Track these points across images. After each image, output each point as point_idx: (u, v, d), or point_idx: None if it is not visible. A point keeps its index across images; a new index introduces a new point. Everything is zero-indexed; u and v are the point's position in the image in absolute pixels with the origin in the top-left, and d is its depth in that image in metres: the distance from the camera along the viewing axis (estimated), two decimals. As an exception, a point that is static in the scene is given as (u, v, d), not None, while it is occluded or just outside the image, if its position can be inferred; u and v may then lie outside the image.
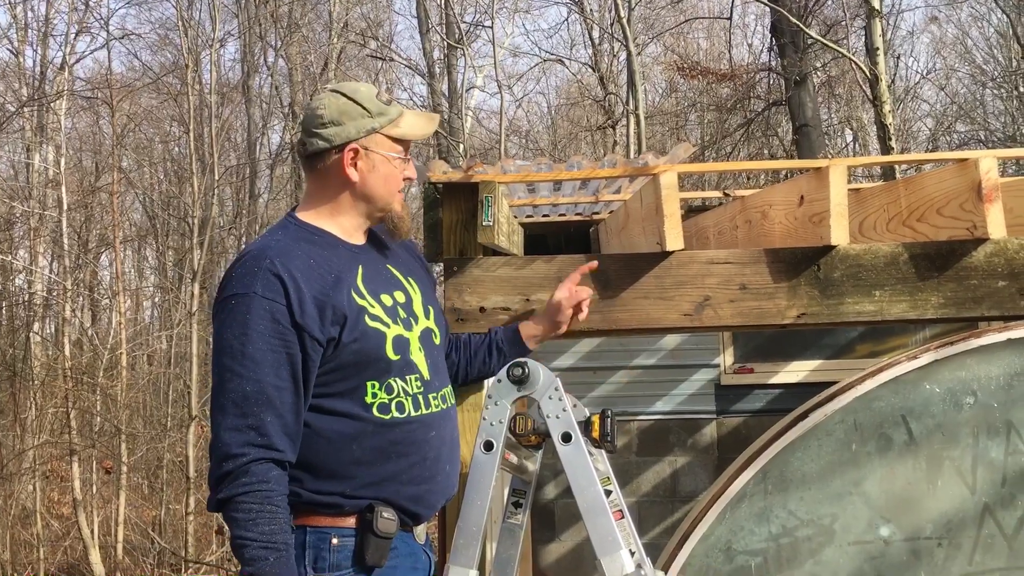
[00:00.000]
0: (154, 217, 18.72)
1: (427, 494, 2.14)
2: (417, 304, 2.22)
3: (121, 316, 13.22)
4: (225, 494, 1.93)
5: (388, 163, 2.13)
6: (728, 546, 2.89)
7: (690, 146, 3.03)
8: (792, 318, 2.89)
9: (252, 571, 1.91)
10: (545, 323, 2.60)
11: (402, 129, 2.13)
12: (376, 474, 2.05)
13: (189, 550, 11.60)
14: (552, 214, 5.32)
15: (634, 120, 13.31)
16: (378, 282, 2.14)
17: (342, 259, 2.11)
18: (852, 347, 5.88)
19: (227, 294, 2.02)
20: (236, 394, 1.94)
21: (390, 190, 2.15)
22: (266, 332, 1.96)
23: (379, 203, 2.16)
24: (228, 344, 1.97)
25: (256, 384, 1.94)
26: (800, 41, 12.36)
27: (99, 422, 12.18)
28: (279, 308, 1.97)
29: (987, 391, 2.89)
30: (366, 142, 2.12)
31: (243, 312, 1.97)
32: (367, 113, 2.11)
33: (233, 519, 1.93)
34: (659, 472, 5.91)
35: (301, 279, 2.00)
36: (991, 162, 2.82)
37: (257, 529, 1.90)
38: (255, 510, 1.91)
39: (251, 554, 1.90)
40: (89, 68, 26.39)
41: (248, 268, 2.02)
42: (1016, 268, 2.87)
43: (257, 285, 1.98)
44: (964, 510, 2.86)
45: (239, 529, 1.91)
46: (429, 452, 2.13)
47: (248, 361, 1.95)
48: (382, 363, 2.06)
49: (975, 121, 17.88)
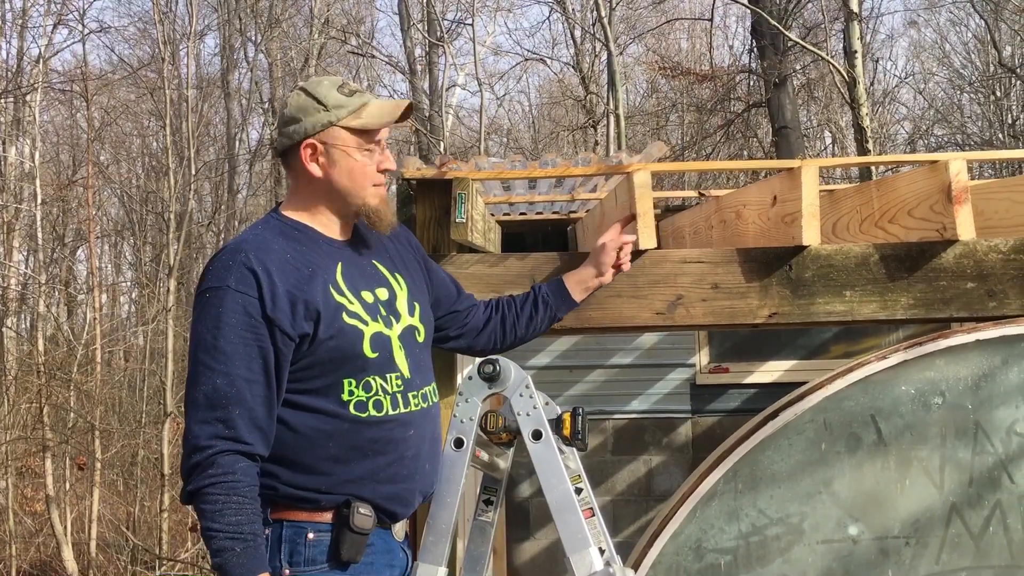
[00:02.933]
0: (131, 212, 18.58)
1: (405, 492, 2.13)
2: (401, 301, 2.19)
3: (96, 312, 13.11)
4: (193, 486, 1.94)
5: (348, 156, 2.10)
6: (698, 544, 2.90)
7: (664, 145, 3.04)
8: (764, 318, 2.90)
9: (220, 562, 1.91)
10: (589, 268, 2.65)
11: (363, 120, 2.09)
12: (353, 472, 2.04)
13: (163, 547, 11.53)
14: (529, 212, 5.32)
15: (615, 120, 13.34)
16: (359, 278, 2.12)
17: (321, 255, 2.09)
18: (826, 348, 5.92)
19: (203, 288, 2.02)
20: (207, 387, 1.94)
21: (358, 184, 2.11)
22: (238, 325, 1.96)
23: (348, 198, 2.13)
24: (201, 337, 1.97)
25: (226, 377, 1.94)
26: (780, 43, 12.43)
27: (73, 418, 12.07)
28: (251, 301, 1.97)
29: (955, 392, 2.91)
30: (323, 136, 2.09)
31: (216, 306, 1.97)
32: (322, 107, 2.08)
33: (201, 510, 1.94)
34: (634, 471, 5.92)
35: (275, 273, 2.00)
36: (960, 164, 2.84)
37: (223, 520, 1.91)
38: (221, 501, 1.91)
39: (217, 544, 1.90)
40: (67, 61, 26.17)
41: (224, 262, 2.02)
42: (985, 270, 2.90)
43: (231, 279, 1.98)
44: (932, 510, 2.88)
45: (206, 520, 1.92)
46: (407, 451, 2.11)
47: (220, 354, 1.95)
48: (359, 361, 2.05)
49: (952, 125, 18.04)
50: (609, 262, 2.65)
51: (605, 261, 2.64)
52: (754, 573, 2.87)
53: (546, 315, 2.58)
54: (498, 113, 20.25)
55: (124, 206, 18.97)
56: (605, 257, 2.64)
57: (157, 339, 14.15)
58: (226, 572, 1.91)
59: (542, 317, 2.57)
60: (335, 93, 2.10)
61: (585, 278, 2.65)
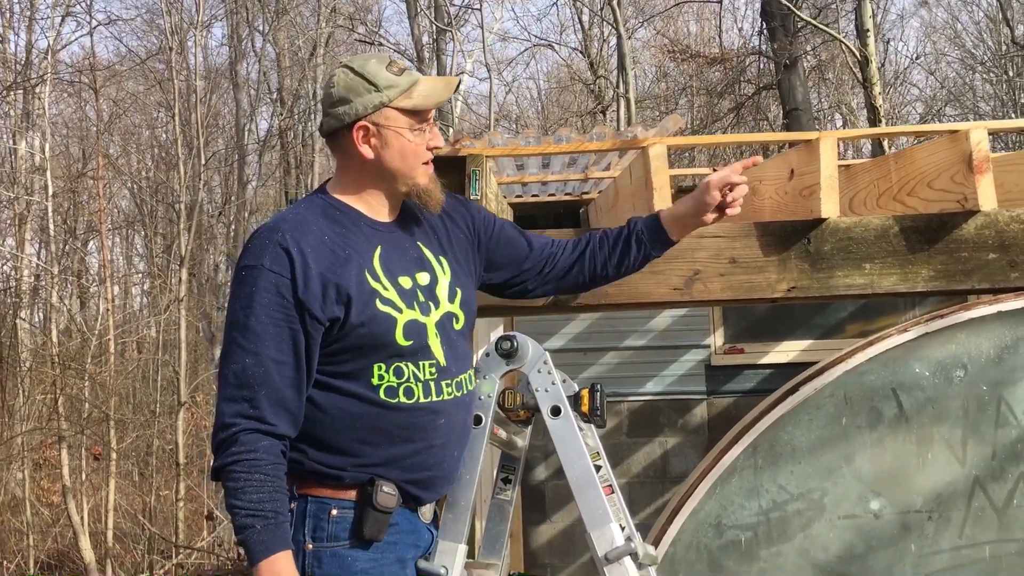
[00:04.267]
0: (142, 203, 18.62)
1: (430, 480, 2.11)
2: (442, 287, 2.15)
3: (109, 303, 13.15)
4: (219, 463, 1.94)
5: (401, 137, 2.05)
6: (718, 521, 2.88)
7: (680, 118, 3.01)
8: (782, 292, 2.87)
9: (242, 538, 1.91)
10: (689, 205, 2.29)
11: (415, 100, 2.04)
12: (379, 456, 2.02)
13: (180, 536, 11.57)
14: (541, 194, 5.29)
15: (624, 104, 13.28)
16: (398, 263, 2.09)
17: (361, 238, 2.06)
18: (842, 326, 5.88)
19: (240, 267, 2.02)
20: (237, 365, 1.95)
21: (409, 164, 2.07)
22: (270, 306, 1.95)
23: (399, 179, 2.09)
24: (235, 316, 1.98)
25: (255, 357, 1.94)
26: (790, 24, 12.33)
27: (88, 409, 12.12)
28: (284, 282, 1.95)
29: (977, 364, 2.88)
30: (375, 118, 2.04)
31: (250, 285, 1.97)
32: (374, 88, 2.04)
33: (226, 488, 1.94)
34: (649, 453, 5.90)
35: (310, 254, 1.98)
36: (982, 133, 2.80)
37: (245, 497, 1.90)
38: (243, 479, 1.91)
39: (240, 522, 1.91)
40: (75, 54, 26.21)
41: (261, 241, 2.01)
42: (1007, 240, 2.86)
43: (266, 258, 1.97)
44: (954, 483, 2.86)
45: (230, 497, 1.92)
46: (436, 439, 2.09)
47: (251, 334, 1.94)
48: (391, 348, 2.02)
49: (964, 106, 17.90)
50: (711, 202, 2.24)
51: (706, 201, 2.24)
52: (775, 549, 2.85)
53: (639, 254, 2.33)
54: (507, 100, 20.20)
55: (134, 198, 19.02)
56: (707, 196, 2.23)
57: (170, 329, 14.18)
58: (248, 548, 1.91)
59: (634, 256, 2.33)
60: (384, 72, 2.05)
61: (683, 214, 2.30)
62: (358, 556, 2.00)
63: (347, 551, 2.00)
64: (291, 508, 1.99)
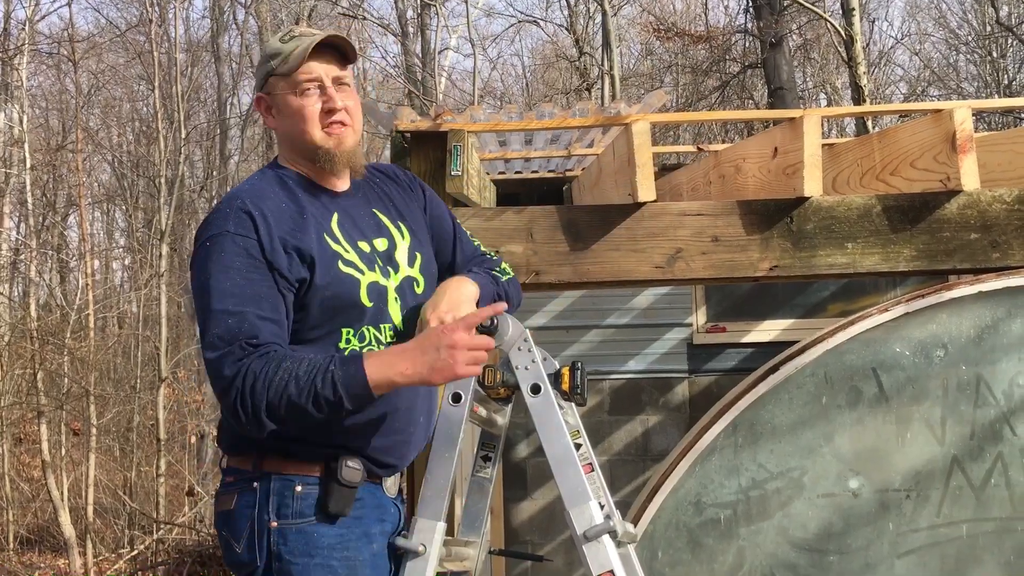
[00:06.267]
0: (122, 177, 18.43)
1: (399, 445, 2.11)
2: (401, 252, 2.15)
3: (88, 278, 13.03)
4: (253, 407, 1.85)
5: (287, 103, 2.06)
6: (698, 499, 2.88)
7: (664, 94, 2.98)
8: (764, 271, 2.86)
9: (338, 396, 1.85)
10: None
11: (289, 63, 2.05)
12: (345, 421, 2.01)
13: (160, 512, 11.55)
14: (524, 171, 5.26)
15: (609, 82, 13.22)
16: (355, 228, 2.09)
17: (317, 204, 2.07)
18: (824, 306, 5.89)
19: (203, 239, 1.99)
20: (219, 329, 1.90)
21: (300, 128, 2.06)
22: (243, 268, 1.93)
23: (299, 144, 2.08)
24: (206, 284, 1.93)
25: (237, 317, 1.90)
26: (776, 3, 12.29)
27: (67, 384, 12.04)
28: (252, 243, 1.95)
29: (957, 344, 2.88)
30: (268, 88, 2.09)
31: (218, 251, 1.94)
32: (266, 60, 2.09)
33: (284, 406, 1.85)
34: (631, 431, 5.91)
35: (272, 219, 1.98)
36: (965, 112, 2.79)
37: (300, 379, 1.84)
38: (280, 377, 1.83)
39: (323, 395, 1.84)
40: (54, 24, 25.85)
41: (222, 211, 2.00)
42: (989, 220, 2.86)
43: (230, 224, 1.96)
44: (933, 462, 2.87)
45: (294, 402, 1.84)
46: (401, 403, 2.08)
47: (228, 298, 1.91)
48: (356, 310, 2.02)
49: (948, 86, 17.92)
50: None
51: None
52: (754, 527, 2.86)
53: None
54: (491, 76, 20.07)
55: (115, 171, 18.82)
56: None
57: (150, 305, 14.08)
58: (341, 393, 1.85)
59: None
60: (275, 42, 2.09)
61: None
62: (324, 532, 1.99)
63: (313, 527, 1.99)
64: (254, 487, 1.99)
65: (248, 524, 1.99)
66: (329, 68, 2.07)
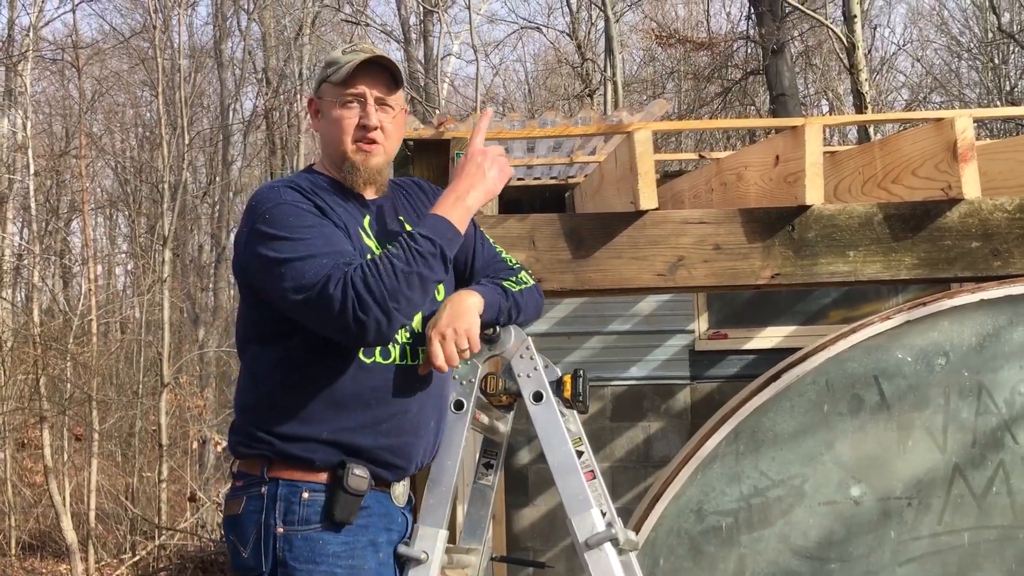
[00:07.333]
0: (125, 183, 18.45)
1: (407, 447, 2.11)
2: None
3: (91, 283, 13.05)
4: (378, 302, 1.90)
5: (331, 109, 2.14)
6: (699, 507, 2.89)
7: (666, 103, 2.99)
8: (766, 278, 2.87)
9: (438, 246, 1.97)
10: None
11: (340, 74, 2.12)
12: (354, 419, 2.02)
13: (163, 517, 11.54)
14: (527, 177, 5.27)
15: (612, 88, 13.24)
16: (384, 232, 2.15)
17: (350, 206, 2.13)
18: (826, 313, 5.89)
19: (254, 218, 2.02)
20: (310, 269, 1.92)
21: (336, 136, 2.14)
22: (308, 223, 1.99)
23: (330, 149, 2.16)
24: (278, 246, 1.96)
25: (319, 255, 1.94)
26: (778, 9, 12.31)
27: (70, 389, 12.04)
28: (308, 204, 2.02)
29: (959, 352, 2.89)
30: (319, 93, 2.18)
31: (278, 216, 1.99)
32: (324, 66, 2.18)
33: (402, 284, 1.93)
34: (632, 438, 5.91)
35: (315, 197, 2.06)
36: (967, 121, 2.80)
37: (400, 259, 1.94)
38: (385, 266, 1.92)
39: (425, 252, 1.96)
40: (58, 31, 25.93)
41: (267, 193, 2.06)
42: (990, 229, 2.87)
43: (282, 195, 2.03)
44: (934, 470, 2.87)
45: (405, 273, 1.93)
46: (412, 404, 2.10)
47: (303, 245, 1.95)
48: None
49: (950, 93, 17.93)
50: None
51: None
52: (756, 535, 2.86)
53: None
54: (494, 82, 20.11)
55: (118, 177, 18.84)
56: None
57: (153, 310, 14.08)
58: (438, 240, 1.97)
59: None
60: (337, 52, 2.17)
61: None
62: (329, 539, 2.00)
63: (318, 534, 1.99)
64: (261, 492, 2.00)
65: (255, 529, 2.00)
66: (376, 87, 2.14)
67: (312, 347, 2.01)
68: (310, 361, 2.01)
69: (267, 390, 2.05)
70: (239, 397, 2.14)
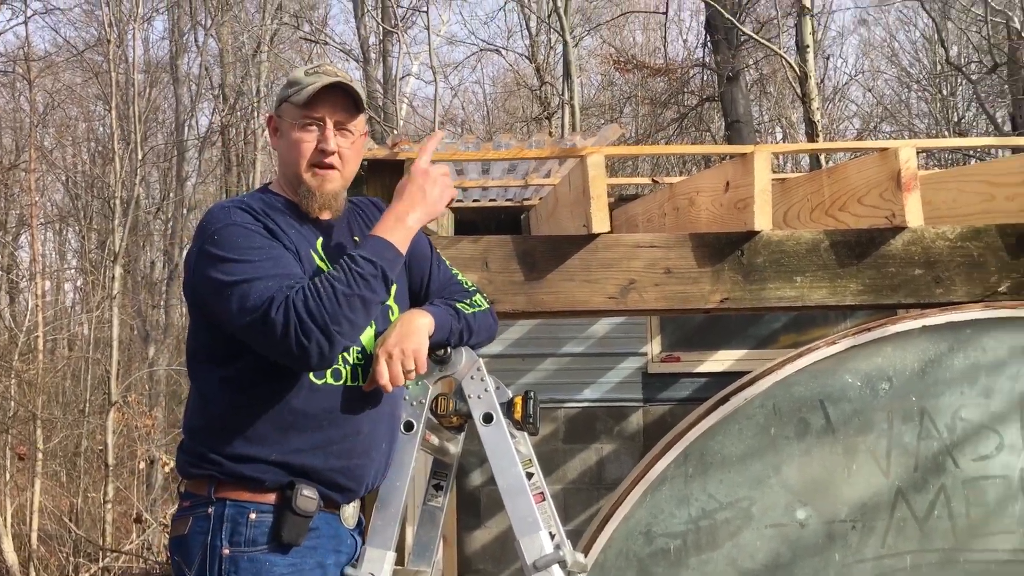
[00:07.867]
0: (76, 198, 18.16)
1: (358, 469, 2.10)
2: None
3: (39, 299, 12.81)
4: (320, 326, 1.90)
5: (290, 129, 2.13)
6: (648, 529, 2.90)
7: (619, 128, 3.02)
8: (715, 303, 2.91)
9: (379, 267, 1.97)
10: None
11: (301, 95, 2.10)
12: (305, 441, 2.01)
13: (107, 539, 11.30)
14: (482, 199, 5.29)
15: (569, 111, 13.34)
16: (337, 255, 2.11)
17: (302, 227, 2.12)
18: (776, 337, 5.97)
19: (203, 239, 2.01)
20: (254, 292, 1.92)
21: (293, 157, 2.12)
22: (256, 244, 1.98)
23: (287, 170, 2.15)
24: (225, 267, 1.95)
25: (264, 278, 1.93)
26: (734, 38, 12.52)
27: (13, 407, 11.78)
28: (258, 226, 2.01)
29: (902, 377, 2.94)
30: (280, 111, 2.15)
31: (226, 238, 1.98)
32: (285, 86, 2.16)
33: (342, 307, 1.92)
34: (585, 459, 5.93)
35: (266, 218, 2.05)
36: (910, 152, 2.87)
37: (341, 281, 1.94)
38: (325, 289, 1.92)
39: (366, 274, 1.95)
40: (9, 43, 25.53)
41: (217, 212, 2.05)
42: (932, 256, 2.93)
43: (232, 217, 2.01)
44: (878, 494, 2.91)
45: (346, 295, 1.93)
46: (363, 425, 2.09)
47: (249, 267, 1.94)
48: None
49: (900, 122, 18.35)
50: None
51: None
52: (704, 557, 2.88)
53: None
54: (452, 103, 20.16)
55: (69, 192, 18.54)
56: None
57: (102, 327, 13.85)
58: (379, 262, 1.98)
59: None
60: (299, 73, 2.16)
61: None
62: (276, 561, 1.98)
63: (265, 556, 1.97)
64: (208, 512, 1.97)
65: (201, 550, 1.97)
66: (336, 112, 2.12)
67: (262, 368, 1.99)
68: (259, 382, 2.00)
69: (217, 411, 2.03)
70: (188, 417, 2.11)
